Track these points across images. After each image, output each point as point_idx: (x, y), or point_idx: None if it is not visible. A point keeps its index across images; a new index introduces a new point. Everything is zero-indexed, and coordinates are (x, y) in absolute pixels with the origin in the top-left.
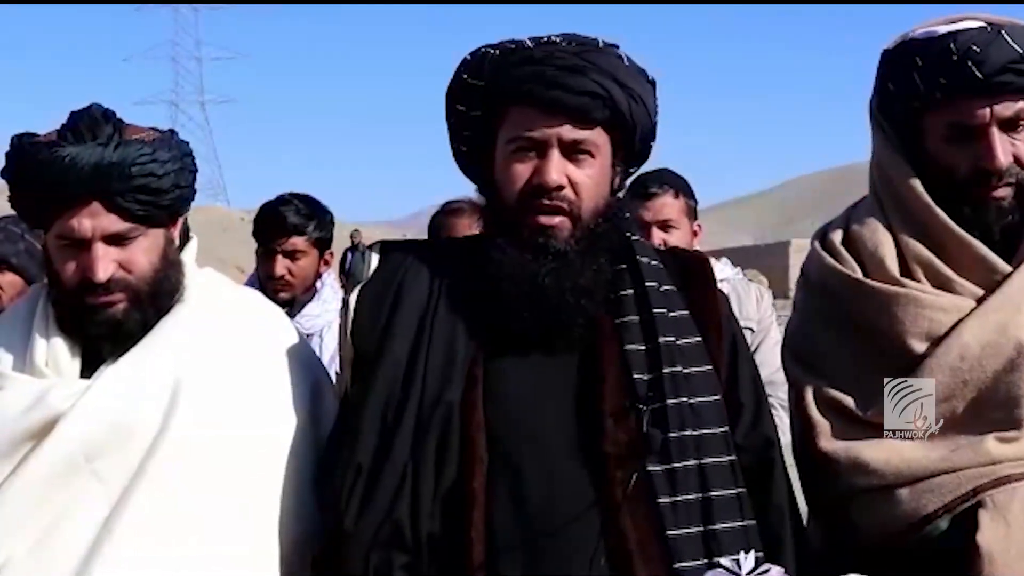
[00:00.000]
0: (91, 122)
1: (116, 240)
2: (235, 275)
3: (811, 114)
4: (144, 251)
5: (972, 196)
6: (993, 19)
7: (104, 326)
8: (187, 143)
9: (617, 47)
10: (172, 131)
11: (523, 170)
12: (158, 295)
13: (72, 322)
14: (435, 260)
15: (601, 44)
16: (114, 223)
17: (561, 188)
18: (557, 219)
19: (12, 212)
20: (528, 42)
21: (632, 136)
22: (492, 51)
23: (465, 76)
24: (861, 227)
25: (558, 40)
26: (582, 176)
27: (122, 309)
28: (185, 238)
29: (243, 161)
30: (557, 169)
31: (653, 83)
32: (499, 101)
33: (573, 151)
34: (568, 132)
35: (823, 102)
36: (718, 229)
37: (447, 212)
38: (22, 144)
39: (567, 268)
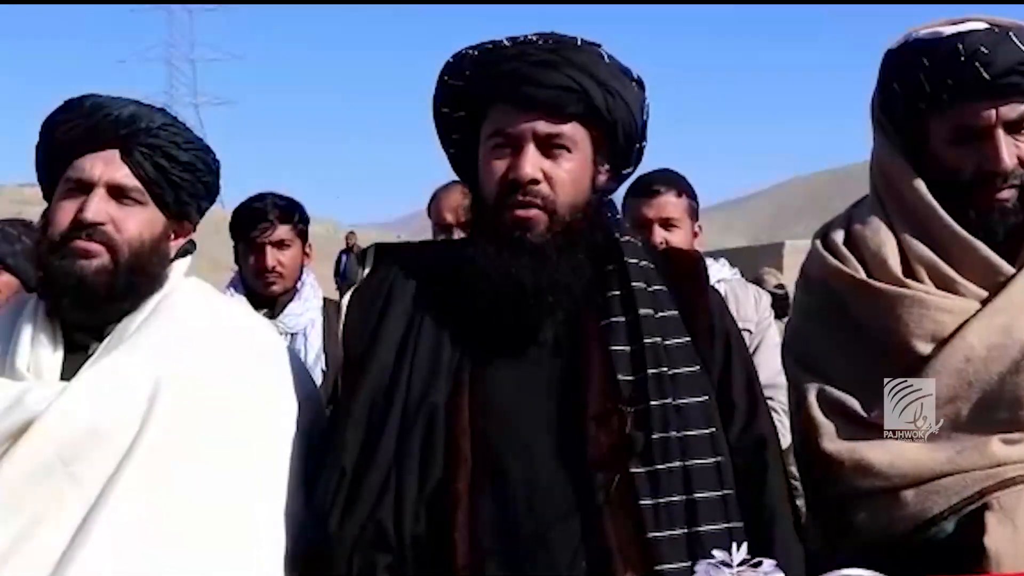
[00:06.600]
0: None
1: (118, 194)
2: (229, 276)
3: (806, 115)
4: (137, 221)
5: (976, 199)
6: (996, 20)
7: (71, 278)
8: (216, 159)
9: (598, 45)
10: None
11: (500, 166)
12: (135, 270)
13: (46, 283)
14: (425, 263)
15: (579, 42)
16: (123, 176)
17: (536, 182)
18: (532, 212)
19: (10, 216)
20: (505, 41)
21: (613, 133)
22: (471, 52)
23: (447, 78)
24: (863, 227)
25: (534, 38)
26: (558, 171)
27: (95, 265)
28: (185, 253)
29: (237, 163)
30: (531, 163)
31: (640, 83)
32: (480, 101)
33: (549, 146)
34: (543, 126)
35: (818, 103)
36: (712, 230)
37: (438, 190)
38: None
39: (543, 263)
